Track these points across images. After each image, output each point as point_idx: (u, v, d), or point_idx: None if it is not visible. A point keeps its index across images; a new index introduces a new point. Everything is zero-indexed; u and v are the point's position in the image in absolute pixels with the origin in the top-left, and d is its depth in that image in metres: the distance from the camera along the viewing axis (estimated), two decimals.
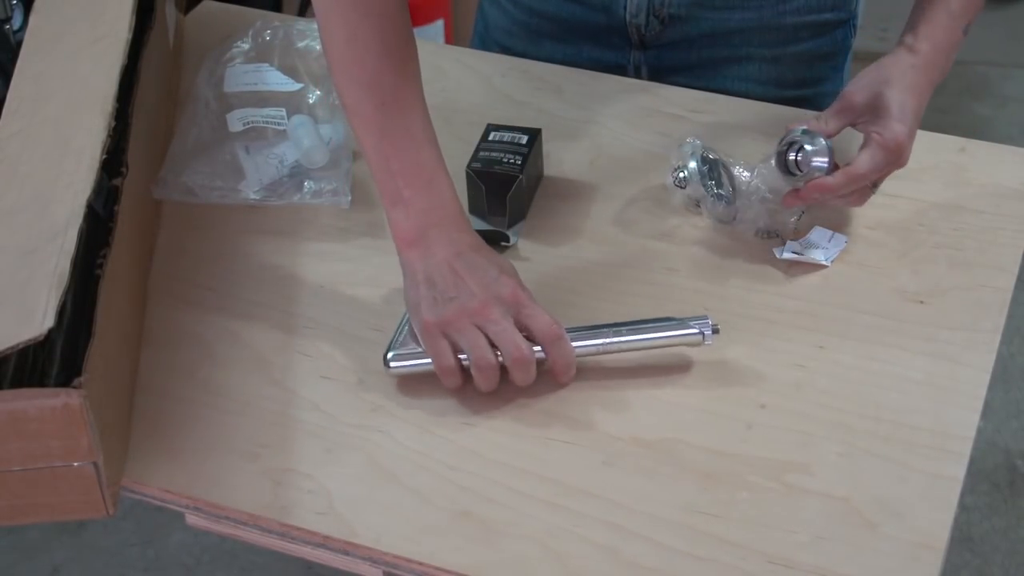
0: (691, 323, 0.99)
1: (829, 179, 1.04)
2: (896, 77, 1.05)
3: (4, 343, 0.84)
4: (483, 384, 0.97)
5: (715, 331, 0.99)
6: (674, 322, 0.99)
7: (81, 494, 0.90)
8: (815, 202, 1.07)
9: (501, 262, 1.00)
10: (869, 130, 1.04)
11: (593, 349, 0.99)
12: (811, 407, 0.97)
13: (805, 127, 1.06)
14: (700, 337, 0.99)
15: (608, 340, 0.99)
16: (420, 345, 0.99)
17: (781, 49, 1.27)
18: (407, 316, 1.01)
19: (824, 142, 1.05)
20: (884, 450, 0.94)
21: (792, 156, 1.06)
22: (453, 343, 0.96)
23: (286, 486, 0.93)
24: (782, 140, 1.07)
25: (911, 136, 1.04)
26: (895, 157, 1.04)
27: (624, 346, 0.99)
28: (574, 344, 0.98)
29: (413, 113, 1.01)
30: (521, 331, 0.96)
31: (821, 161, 1.05)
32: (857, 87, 1.07)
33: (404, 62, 1.01)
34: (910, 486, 0.91)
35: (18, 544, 1.97)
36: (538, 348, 0.97)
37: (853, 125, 1.07)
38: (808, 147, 1.05)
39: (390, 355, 1.00)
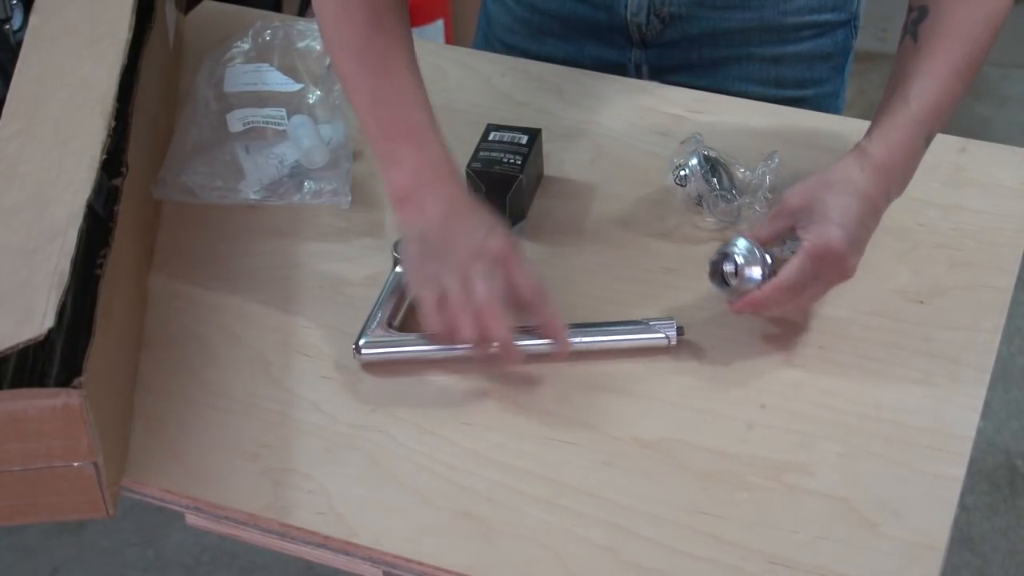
0: (656, 326, 1.00)
1: (758, 294, 0.97)
2: (840, 181, 0.97)
3: (4, 343, 0.84)
4: (463, 327, 0.94)
5: (680, 333, 1.00)
6: (640, 326, 1.01)
7: (81, 494, 0.90)
8: (752, 312, 1.00)
9: (491, 222, 0.99)
10: (802, 236, 0.97)
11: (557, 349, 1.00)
12: (811, 407, 0.97)
13: (743, 236, 0.99)
14: (665, 341, 1.00)
15: (573, 341, 0.99)
16: (391, 333, 1.01)
17: (782, 49, 1.27)
18: (379, 301, 1.03)
19: (758, 252, 0.98)
20: (884, 450, 0.93)
21: (727, 267, 0.99)
22: (441, 289, 0.95)
23: (286, 486, 0.93)
24: (718, 250, 1.00)
25: (853, 243, 0.96)
26: (828, 265, 0.96)
27: (591, 347, 1.01)
28: (539, 344, 0.99)
29: (404, 77, 1.02)
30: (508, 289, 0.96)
31: (753, 272, 0.98)
32: (796, 189, 0.99)
33: (395, 27, 1.02)
34: (910, 486, 0.91)
35: (18, 544, 1.97)
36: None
37: (792, 230, 0.99)
38: (740, 259, 0.98)
39: (362, 342, 1.01)
